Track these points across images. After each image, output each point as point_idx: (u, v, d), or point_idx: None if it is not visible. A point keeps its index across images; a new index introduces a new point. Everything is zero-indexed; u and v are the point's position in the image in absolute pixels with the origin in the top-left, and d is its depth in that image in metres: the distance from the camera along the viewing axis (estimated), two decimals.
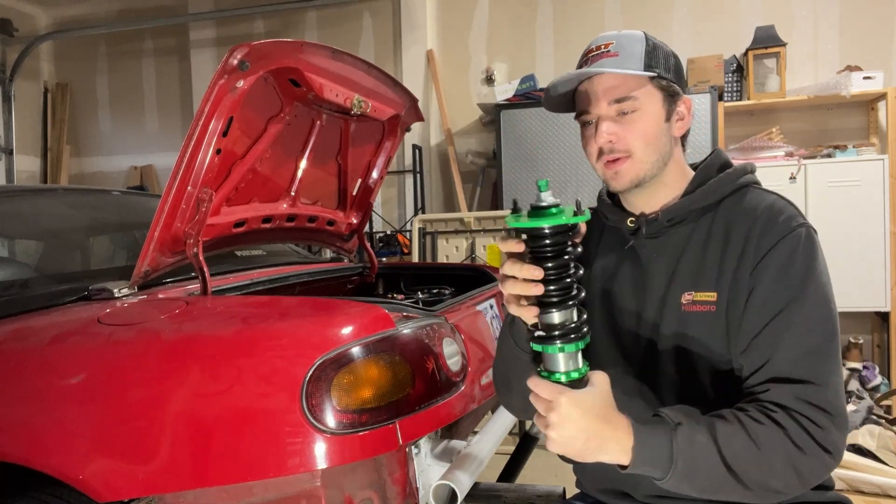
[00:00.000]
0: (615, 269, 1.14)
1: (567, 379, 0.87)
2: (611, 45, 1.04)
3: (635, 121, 1.04)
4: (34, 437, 1.24)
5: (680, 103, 1.08)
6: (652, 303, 1.08)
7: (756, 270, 0.98)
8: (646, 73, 1.03)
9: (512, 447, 2.10)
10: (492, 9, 4.73)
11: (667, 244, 1.08)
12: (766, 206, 1.03)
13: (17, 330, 1.44)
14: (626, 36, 1.06)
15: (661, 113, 1.05)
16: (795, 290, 0.96)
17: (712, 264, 1.03)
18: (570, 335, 0.85)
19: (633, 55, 1.03)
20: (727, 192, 1.07)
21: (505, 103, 4.12)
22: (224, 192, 1.62)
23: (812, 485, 0.92)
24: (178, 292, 1.56)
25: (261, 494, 1.18)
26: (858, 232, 3.68)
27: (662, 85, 1.05)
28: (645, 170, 1.05)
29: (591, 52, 1.06)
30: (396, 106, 2.00)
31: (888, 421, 2.44)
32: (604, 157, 1.06)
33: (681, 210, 1.07)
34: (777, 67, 3.97)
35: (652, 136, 1.04)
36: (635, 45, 1.04)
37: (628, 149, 1.04)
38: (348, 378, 1.18)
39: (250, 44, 1.44)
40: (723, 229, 1.04)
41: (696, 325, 1.02)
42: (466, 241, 3.61)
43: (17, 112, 5.54)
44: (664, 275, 1.07)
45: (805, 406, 0.91)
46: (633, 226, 1.10)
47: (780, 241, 0.98)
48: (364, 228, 2.27)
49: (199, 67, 5.33)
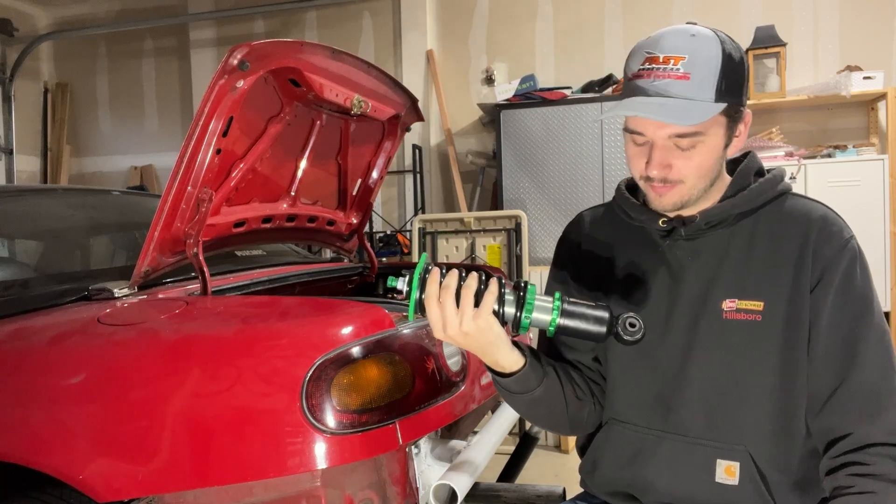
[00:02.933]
0: (642, 269, 1.08)
1: (557, 312, 0.92)
2: (681, 62, 0.90)
3: (694, 155, 0.95)
4: (34, 437, 1.23)
5: (741, 122, 0.99)
6: (685, 306, 1.03)
7: (820, 286, 0.96)
8: (717, 110, 0.92)
9: (512, 447, 2.10)
10: (492, 9, 4.73)
11: (704, 247, 1.03)
12: (820, 215, 1.00)
13: (18, 330, 1.44)
14: (700, 47, 0.91)
15: (723, 142, 0.98)
16: (862, 307, 0.95)
17: (759, 272, 0.99)
18: (524, 301, 0.92)
19: (705, 79, 0.91)
20: (769, 198, 1.02)
21: (505, 103, 4.12)
22: (224, 192, 1.62)
23: None
24: (178, 292, 1.56)
25: (261, 494, 1.18)
26: (858, 232, 3.66)
27: (730, 111, 0.95)
28: (693, 195, 1.00)
29: (657, 60, 0.92)
30: (396, 106, 2.00)
31: None
32: (652, 182, 0.99)
33: (722, 214, 1.02)
34: (777, 67, 3.97)
35: (708, 167, 0.98)
36: (710, 62, 0.91)
37: (681, 179, 0.97)
38: (348, 378, 1.18)
39: (250, 44, 1.44)
40: (769, 237, 1.00)
41: (739, 334, 0.99)
42: (466, 241, 3.61)
43: (17, 112, 5.54)
44: (702, 279, 1.02)
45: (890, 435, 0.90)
46: (664, 226, 1.04)
47: (839, 254, 0.96)
48: (364, 228, 2.27)
49: (199, 67, 5.33)
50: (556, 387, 1.06)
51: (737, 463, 1.00)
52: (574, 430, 1.13)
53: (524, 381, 1.00)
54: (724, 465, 1.01)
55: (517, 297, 0.93)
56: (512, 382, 1.00)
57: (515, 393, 1.02)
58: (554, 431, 1.17)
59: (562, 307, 0.92)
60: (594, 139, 3.91)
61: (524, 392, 1.01)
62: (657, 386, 1.06)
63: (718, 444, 1.01)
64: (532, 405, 1.05)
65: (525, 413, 1.10)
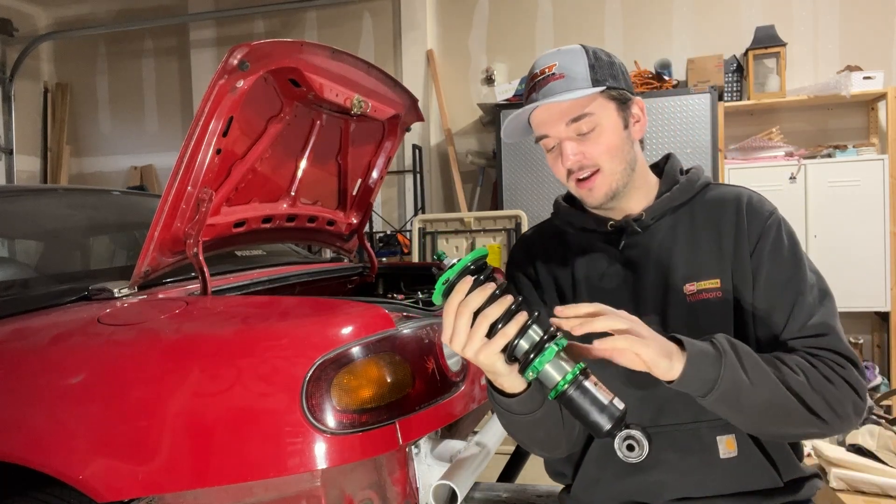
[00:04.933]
0: (599, 275, 1.14)
1: (570, 379, 0.85)
2: (554, 67, 1.06)
3: (597, 136, 1.06)
4: (34, 437, 1.23)
5: (633, 106, 1.10)
6: (650, 298, 1.09)
7: (755, 253, 1.07)
8: (595, 90, 1.04)
9: (512, 447, 2.10)
10: (492, 9, 4.73)
11: (652, 240, 1.11)
12: (747, 195, 1.12)
13: (18, 330, 1.44)
14: (566, 53, 1.07)
15: (619, 122, 1.08)
16: (792, 264, 1.06)
17: (710, 253, 1.09)
18: (544, 347, 0.86)
19: (578, 73, 1.05)
20: (697, 189, 1.14)
21: (505, 103, 4.12)
22: (224, 192, 1.62)
23: (846, 422, 0.98)
24: (178, 292, 1.56)
25: (261, 494, 1.18)
26: (858, 232, 3.68)
27: (613, 95, 1.07)
28: (616, 180, 1.08)
29: (537, 76, 1.07)
30: (396, 106, 2.00)
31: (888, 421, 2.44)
32: (573, 176, 1.08)
33: (662, 208, 1.12)
34: (777, 67, 3.97)
35: (615, 147, 1.07)
36: (578, 61, 1.06)
37: (596, 164, 1.07)
38: (348, 378, 1.18)
39: (250, 44, 1.44)
40: (708, 220, 1.11)
41: (705, 312, 1.06)
42: (466, 241, 3.61)
43: (17, 112, 5.54)
44: (659, 269, 1.09)
45: (825, 352, 0.99)
46: (612, 229, 1.12)
47: (767, 225, 1.08)
48: (364, 228, 2.27)
49: (199, 67, 5.33)
50: (554, 404, 1.04)
51: (732, 434, 1.06)
52: (568, 448, 1.12)
53: (527, 401, 0.97)
54: (724, 440, 1.07)
55: (539, 341, 0.86)
56: (514, 403, 0.97)
57: (517, 414, 0.99)
58: (545, 453, 1.14)
59: (578, 377, 0.85)
60: None
61: (526, 413, 0.99)
62: (639, 385, 1.07)
63: (713, 422, 1.05)
64: (532, 426, 1.02)
65: (523, 435, 1.08)
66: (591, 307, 0.89)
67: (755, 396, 0.92)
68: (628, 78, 1.12)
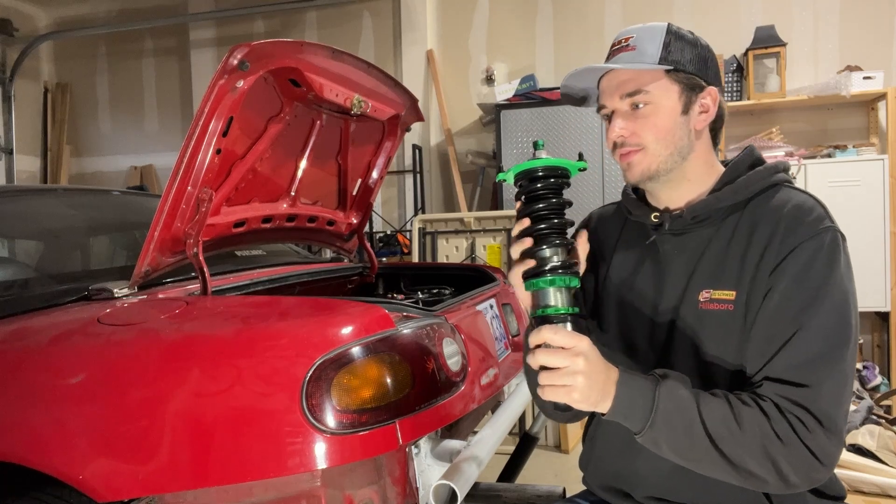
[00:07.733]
0: (634, 263, 1.13)
1: (556, 312, 0.92)
2: (630, 39, 1.05)
3: (648, 115, 1.03)
4: (34, 437, 1.23)
5: (704, 95, 1.05)
6: (669, 299, 1.07)
7: (776, 271, 0.96)
8: (658, 67, 1.02)
9: (512, 447, 2.10)
10: (492, 9, 4.73)
11: (689, 242, 1.06)
12: (794, 205, 1.00)
13: (18, 330, 1.44)
14: (647, 29, 1.06)
15: (677, 107, 1.03)
16: (811, 296, 0.93)
17: (733, 262, 1.01)
18: (559, 269, 0.93)
19: (648, 49, 1.04)
20: (756, 190, 1.03)
21: (505, 103, 4.12)
22: (224, 192, 1.62)
23: (795, 485, 0.90)
24: (178, 292, 1.56)
25: (261, 494, 1.18)
26: (858, 232, 3.68)
27: (680, 78, 1.03)
28: (658, 163, 1.04)
29: (614, 45, 1.08)
30: (396, 106, 2.00)
31: (888, 421, 2.44)
32: (618, 150, 1.07)
33: (706, 208, 1.04)
34: (777, 67, 3.97)
35: (665, 129, 1.03)
36: (654, 37, 1.05)
37: (640, 142, 1.04)
38: (348, 378, 1.18)
39: (250, 44, 1.44)
40: (748, 228, 1.01)
41: (712, 323, 1.01)
42: (466, 241, 3.61)
43: (17, 112, 5.54)
44: (683, 272, 1.06)
45: (793, 406, 0.89)
46: (656, 220, 1.09)
47: (802, 243, 0.95)
48: (364, 228, 2.27)
49: (199, 67, 5.33)
50: None
51: None
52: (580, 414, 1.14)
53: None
54: None
55: (558, 264, 0.94)
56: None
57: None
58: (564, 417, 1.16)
59: (563, 314, 0.93)
60: (594, 139, 3.91)
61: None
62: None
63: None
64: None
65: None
66: (539, 339, 0.90)
67: (676, 444, 0.91)
68: (713, 67, 1.07)
